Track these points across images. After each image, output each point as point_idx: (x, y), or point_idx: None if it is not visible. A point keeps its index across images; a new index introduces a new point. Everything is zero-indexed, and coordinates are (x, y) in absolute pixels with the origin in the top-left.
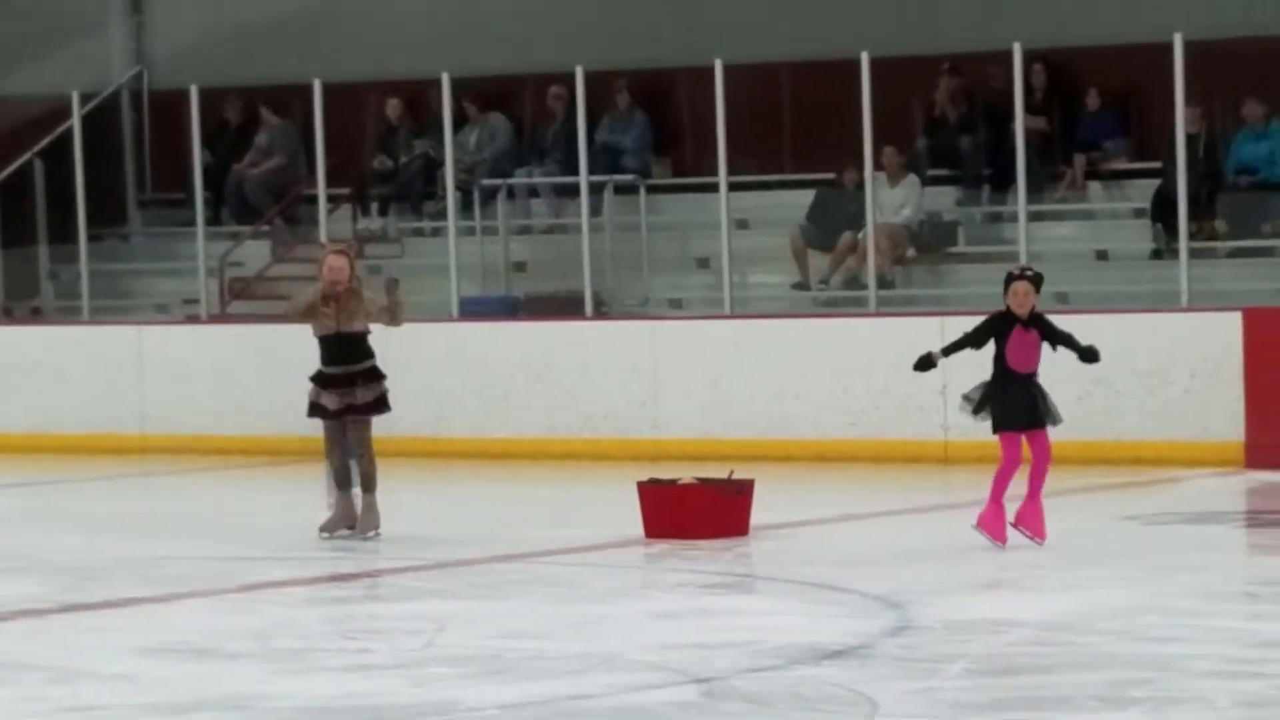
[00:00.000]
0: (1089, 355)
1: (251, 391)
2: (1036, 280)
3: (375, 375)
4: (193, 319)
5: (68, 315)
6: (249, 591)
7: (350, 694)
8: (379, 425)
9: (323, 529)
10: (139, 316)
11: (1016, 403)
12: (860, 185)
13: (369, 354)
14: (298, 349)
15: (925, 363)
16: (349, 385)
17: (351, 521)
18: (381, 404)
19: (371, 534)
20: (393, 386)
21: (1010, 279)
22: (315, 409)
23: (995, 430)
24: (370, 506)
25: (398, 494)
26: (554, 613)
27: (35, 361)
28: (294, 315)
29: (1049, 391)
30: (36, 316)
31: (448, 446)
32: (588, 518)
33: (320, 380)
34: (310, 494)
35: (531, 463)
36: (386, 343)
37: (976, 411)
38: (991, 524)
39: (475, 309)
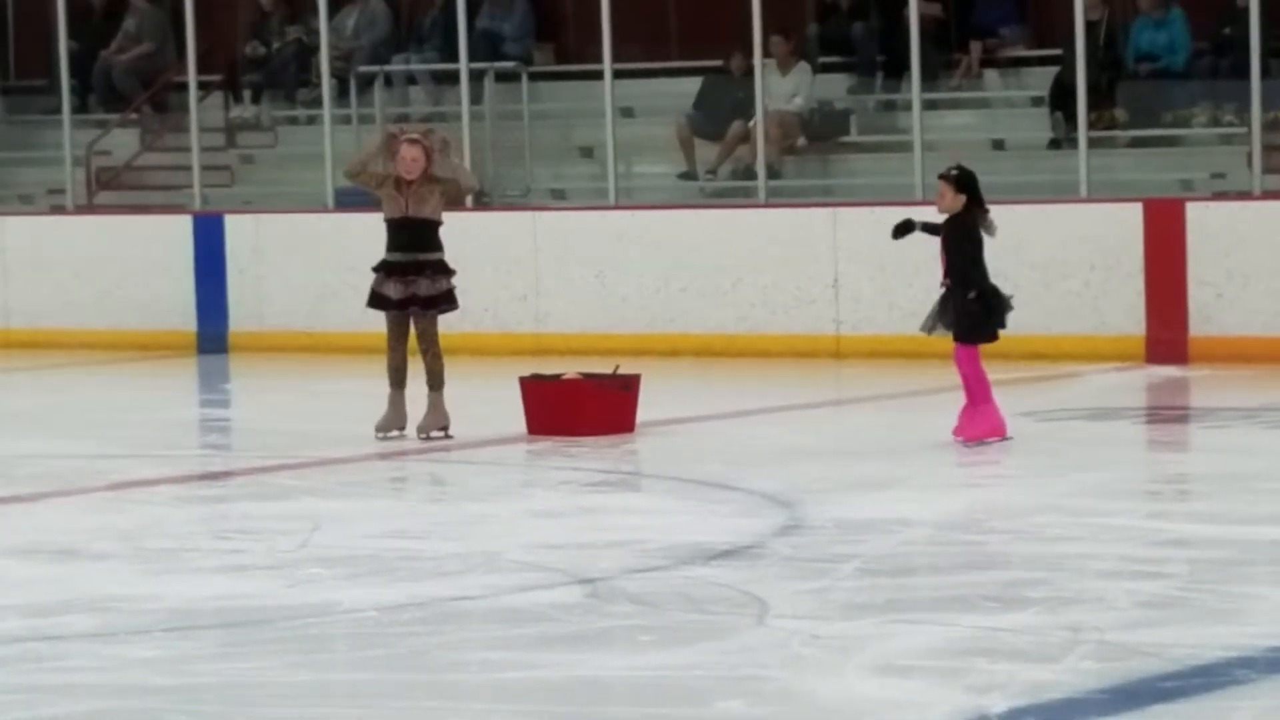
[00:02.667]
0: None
1: (119, 285)
2: (954, 180)
3: (442, 269)
4: (58, 210)
5: None
6: (117, 490)
7: (223, 595)
8: (251, 319)
9: (377, 429)
10: (2, 207)
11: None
12: (749, 72)
13: (437, 245)
14: (166, 241)
15: (903, 228)
16: (414, 274)
17: (403, 422)
18: (445, 299)
19: (437, 433)
20: (269, 277)
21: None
22: (375, 299)
23: None
24: (435, 405)
25: (271, 391)
26: (433, 512)
27: None
28: (352, 171)
29: (963, 300)
30: None
31: (323, 341)
32: (468, 415)
33: (384, 268)
34: (180, 391)
35: (410, 358)
36: (259, 232)
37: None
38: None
39: (351, 200)
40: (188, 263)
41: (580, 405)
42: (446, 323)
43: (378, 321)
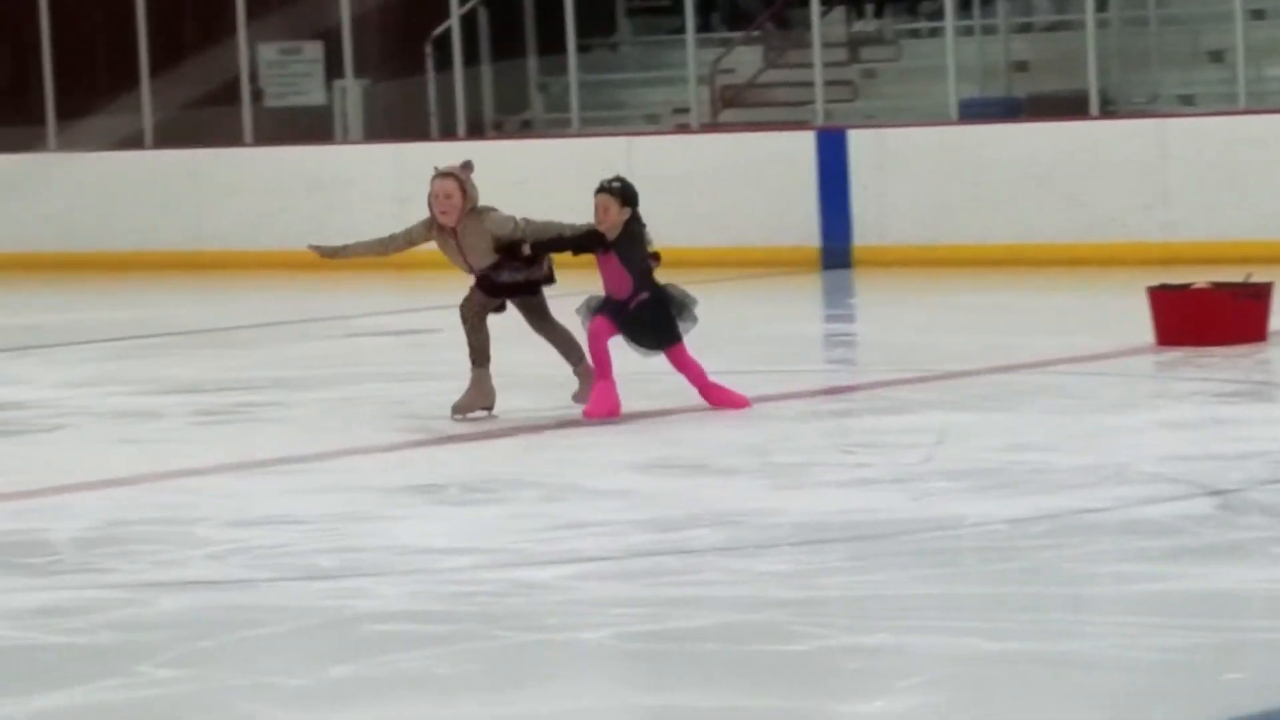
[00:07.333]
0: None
1: (742, 202)
2: (617, 193)
3: (531, 260)
4: (683, 129)
5: (558, 128)
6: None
7: (849, 509)
8: (874, 233)
9: (463, 410)
10: (629, 127)
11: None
12: None
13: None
14: (789, 157)
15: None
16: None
17: (487, 402)
18: (531, 286)
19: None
20: (892, 191)
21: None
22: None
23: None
24: (582, 376)
25: (894, 305)
26: (1060, 424)
27: (523, 176)
28: (391, 250)
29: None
30: (527, 130)
31: (945, 254)
32: (1095, 326)
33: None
34: (805, 306)
35: (1033, 270)
36: (882, 146)
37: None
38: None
39: (975, 111)
40: (811, 179)
41: (1211, 315)
42: (1073, 233)
43: (1002, 234)
